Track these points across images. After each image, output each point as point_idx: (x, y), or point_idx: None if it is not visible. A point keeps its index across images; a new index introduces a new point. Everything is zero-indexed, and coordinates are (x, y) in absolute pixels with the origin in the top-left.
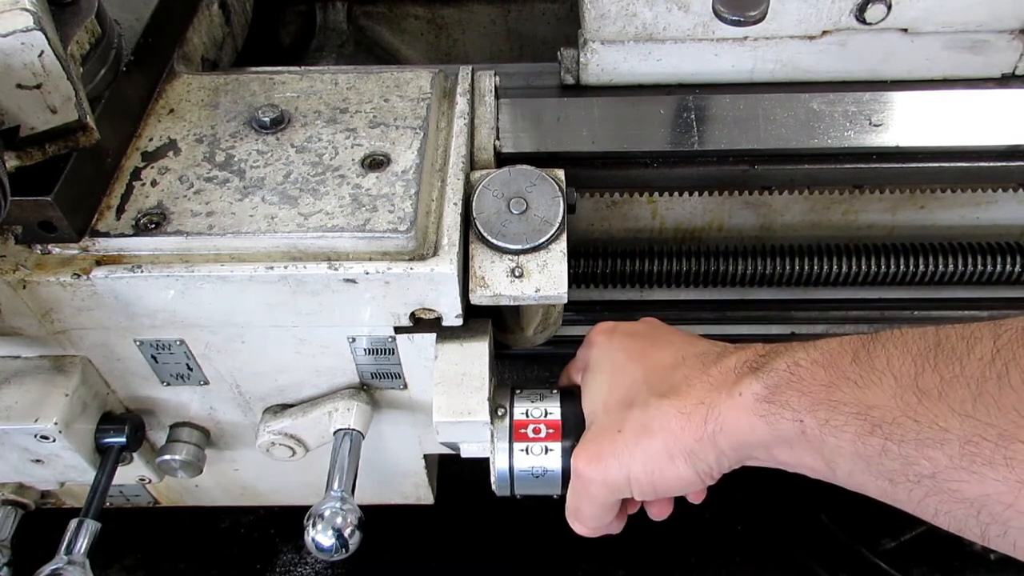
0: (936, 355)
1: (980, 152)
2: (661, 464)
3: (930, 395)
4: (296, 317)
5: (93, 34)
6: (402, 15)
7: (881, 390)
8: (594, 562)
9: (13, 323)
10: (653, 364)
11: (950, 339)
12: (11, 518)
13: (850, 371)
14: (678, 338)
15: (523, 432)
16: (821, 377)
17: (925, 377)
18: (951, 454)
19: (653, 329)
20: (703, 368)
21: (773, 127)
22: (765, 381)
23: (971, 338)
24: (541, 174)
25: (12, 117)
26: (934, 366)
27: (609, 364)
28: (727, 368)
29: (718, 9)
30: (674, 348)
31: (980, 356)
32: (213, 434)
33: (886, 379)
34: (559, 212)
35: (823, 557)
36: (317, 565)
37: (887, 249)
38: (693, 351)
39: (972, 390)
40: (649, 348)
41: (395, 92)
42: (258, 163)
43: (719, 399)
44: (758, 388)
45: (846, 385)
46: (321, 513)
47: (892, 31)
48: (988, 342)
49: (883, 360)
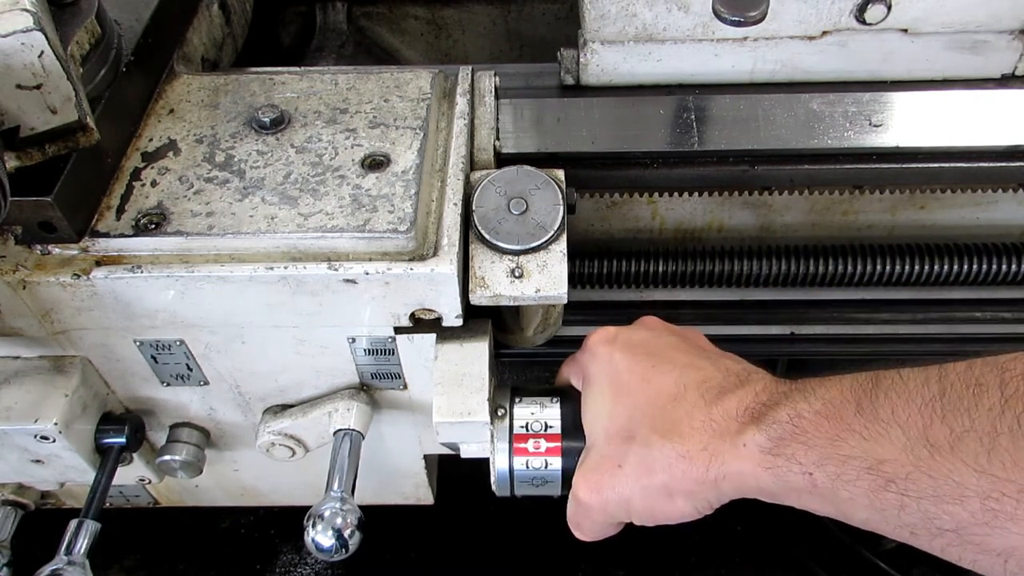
0: (943, 405)
1: (980, 152)
2: (661, 501)
3: (941, 449)
4: (296, 317)
5: (93, 34)
6: (402, 15)
7: (890, 443)
8: (594, 562)
9: (13, 323)
10: (654, 393)
11: (955, 387)
12: (11, 518)
13: (855, 422)
14: (680, 355)
15: (523, 447)
16: (826, 429)
17: (934, 429)
18: (972, 510)
19: (654, 340)
20: (705, 406)
21: (773, 127)
22: (768, 433)
23: (977, 386)
24: (541, 174)
25: (12, 117)
26: (942, 417)
27: (609, 383)
28: (728, 412)
29: (718, 9)
30: (676, 373)
31: (989, 407)
32: (213, 434)
33: (893, 431)
34: (559, 212)
35: (823, 557)
36: (317, 565)
37: (887, 250)
38: (695, 378)
39: (985, 444)
40: (650, 371)
41: (395, 92)
42: (258, 163)
43: (722, 447)
44: (762, 440)
45: (852, 438)
46: (321, 513)
47: (892, 31)
48: (995, 392)
49: (888, 410)
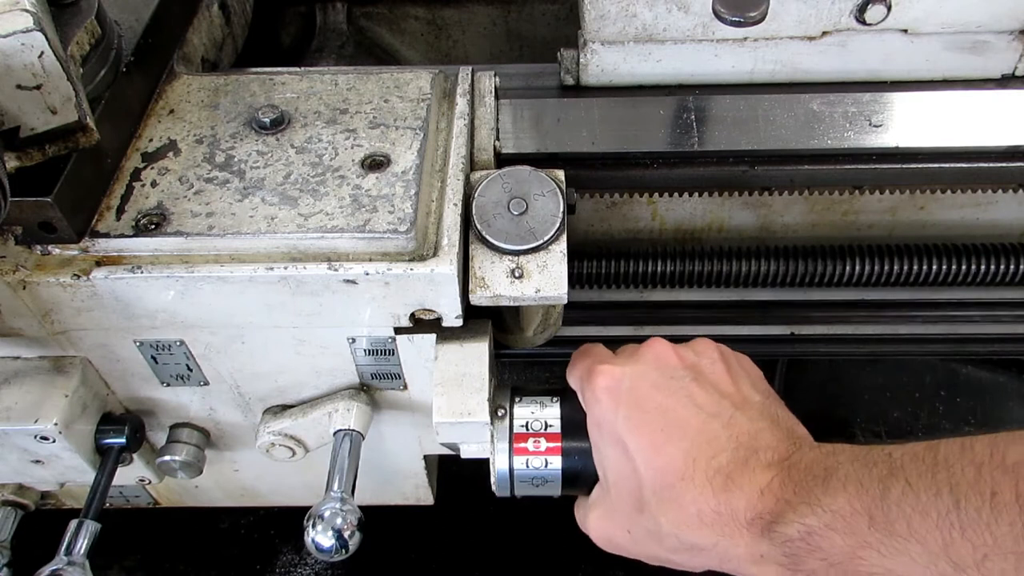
0: (960, 520)
1: (980, 153)
2: (670, 563)
3: (967, 568)
4: (296, 318)
5: (93, 35)
6: (402, 16)
7: (911, 560)
8: (594, 562)
9: (13, 324)
10: (662, 466)
11: (970, 500)
12: (11, 519)
13: (871, 538)
14: (691, 415)
15: (523, 447)
16: (840, 546)
17: (956, 547)
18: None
19: (661, 385)
20: (713, 497)
21: (773, 128)
22: (783, 550)
23: (992, 497)
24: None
25: (12, 118)
26: (962, 534)
27: (615, 438)
28: (736, 515)
29: (718, 10)
30: (685, 445)
31: (1010, 523)
32: (213, 435)
33: (913, 547)
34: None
35: None
36: (317, 566)
37: (887, 250)
38: (704, 454)
39: (1012, 563)
40: (659, 436)
41: (395, 93)
42: (258, 164)
43: (734, 551)
44: (778, 556)
45: (871, 555)
46: (321, 514)
47: (892, 32)
48: (1013, 508)
49: (903, 524)
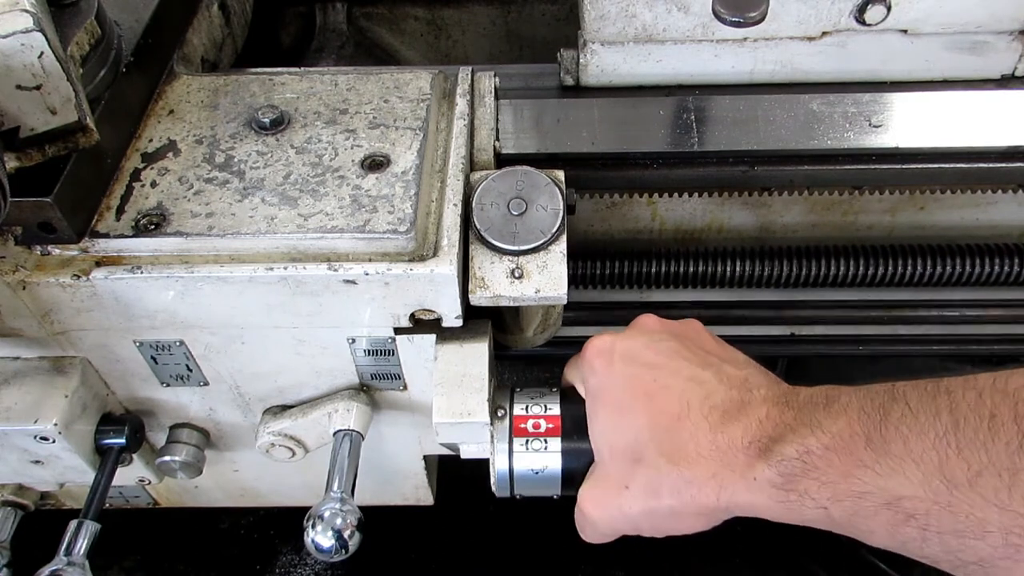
0: (957, 440)
1: (980, 153)
2: (669, 521)
3: (960, 485)
4: (296, 318)
5: (93, 35)
6: (402, 16)
7: (906, 479)
8: (594, 563)
9: (13, 324)
10: (657, 412)
11: (968, 421)
12: (11, 519)
13: (867, 457)
14: (681, 364)
15: (523, 427)
16: (837, 465)
17: (951, 465)
18: (994, 544)
19: (652, 346)
20: (709, 431)
21: (773, 128)
22: (778, 469)
23: (991, 419)
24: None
25: (12, 118)
26: (958, 452)
27: (611, 400)
28: (734, 442)
29: (718, 10)
30: (678, 390)
31: (1006, 442)
32: (213, 435)
33: (908, 466)
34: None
35: (823, 558)
36: (317, 566)
37: (887, 250)
38: (698, 395)
39: (1005, 480)
40: (652, 386)
41: (395, 93)
42: (258, 164)
43: (732, 478)
44: (772, 476)
45: (866, 474)
46: (321, 514)
47: (892, 32)
48: (1011, 426)
49: (900, 444)
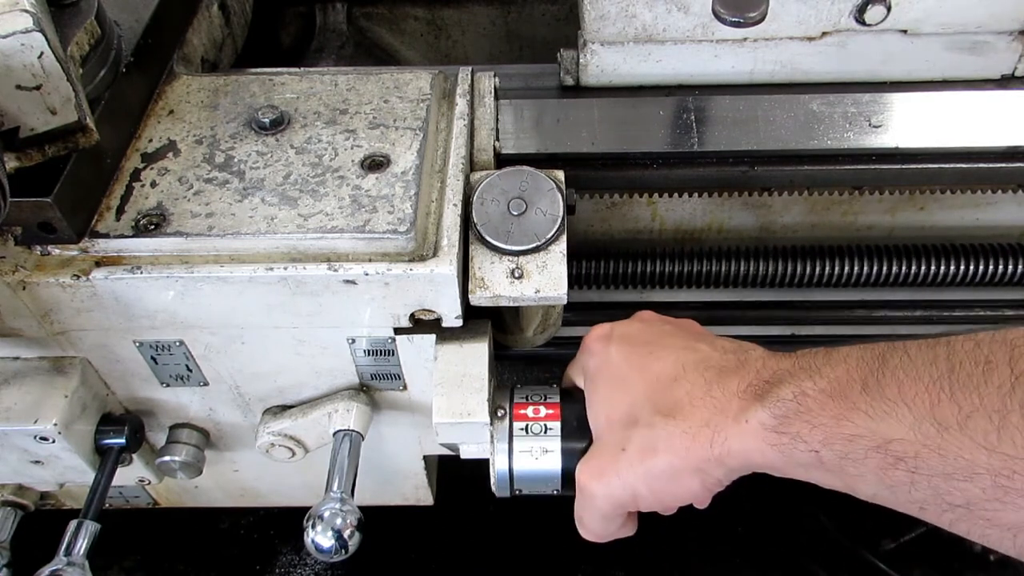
0: (951, 383)
1: (980, 153)
2: (666, 482)
3: (950, 428)
4: (296, 318)
5: (93, 35)
6: (402, 16)
7: (897, 422)
8: (594, 563)
9: (13, 324)
10: (653, 377)
11: (964, 366)
12: (10, 519)
13: (860, 401)
14: (676, 340)
15: (523, 414)
16: (831, 408)
17: (942, 408)
18: (983, 487)
19: (648, 330)
20: (705, 385)
21: (773, 128)
22: (772, 411)
23: (986, 364)
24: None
25: (12, 118)
26: (951, 396)
27: (609, 375)
28: (730, 390)
29: (718, 10)
30: (674, 356)
31: (999, 385)
32: (213, 435)
33: (900, 410)
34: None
35: (823, 558)
36: (316, 566)
37: (887, 250)
38: (693, 359)
39: (995, 422)
40: (648, 357)
41: (395, 93)
42: (258, 164)
43: (725, 423)
44: (765, 418)
45: (858, 417)
46: (321, 514)
47: (892, 32)
48: (1005, 369)
49: (894, 389)
